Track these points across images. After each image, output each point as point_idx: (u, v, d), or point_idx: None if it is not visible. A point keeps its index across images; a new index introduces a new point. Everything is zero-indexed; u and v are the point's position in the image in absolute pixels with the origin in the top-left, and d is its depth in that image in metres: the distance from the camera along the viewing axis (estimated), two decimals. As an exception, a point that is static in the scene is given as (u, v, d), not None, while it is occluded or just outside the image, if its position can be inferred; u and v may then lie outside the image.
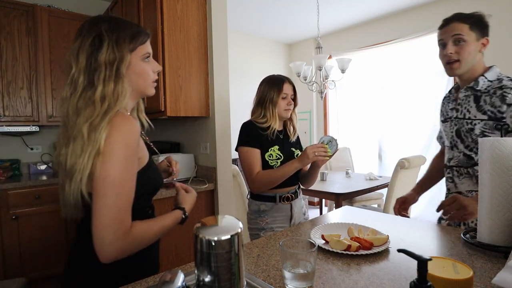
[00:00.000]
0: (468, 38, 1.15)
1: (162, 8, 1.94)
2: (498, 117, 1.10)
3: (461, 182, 1.24)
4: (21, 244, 2.34)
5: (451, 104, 1.30)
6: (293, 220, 1.51)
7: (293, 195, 1.51)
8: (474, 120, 1.16)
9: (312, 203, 4.92)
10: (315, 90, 3.34)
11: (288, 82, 1.52)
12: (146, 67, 0.87)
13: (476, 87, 1.17)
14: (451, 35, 1.18)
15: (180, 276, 0.56)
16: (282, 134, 1.56)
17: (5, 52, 2.53)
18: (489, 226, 0.84)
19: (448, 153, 1.29)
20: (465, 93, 1.21)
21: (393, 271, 0.74)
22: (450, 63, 1.18)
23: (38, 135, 2.95)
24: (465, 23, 1.16)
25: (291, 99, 1.51)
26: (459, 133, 1.22)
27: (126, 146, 0.74)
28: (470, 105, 1.19)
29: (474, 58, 1.17)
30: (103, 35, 0.80)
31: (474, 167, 1.19)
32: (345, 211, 1.33)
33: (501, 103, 1.09)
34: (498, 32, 3.17)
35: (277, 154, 1.47)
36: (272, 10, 3.73)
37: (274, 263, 0.81)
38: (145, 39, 0.86)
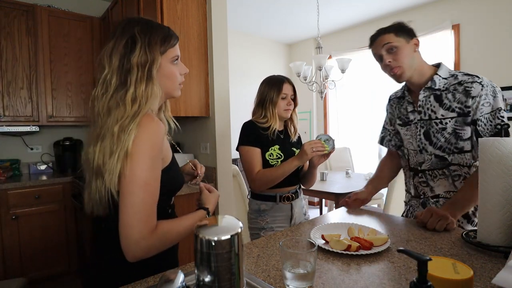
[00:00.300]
0: (398, 44, 1.18)
1: (162, 8, 1.94)
2: (466, 112, 1.12)
3: (436, 184, 1.23)
4: (21, 244, 2.35)
5: (409, 106, 1.28)
6: (293, 220, 1.51)
7: (294, 195, 1.52)
8: (444, 119, 1.17)
9: (312, 203, 4.92)
10: (315, 90, 3.34)
11: (288, 83, 1.52)
12: (175, 70, 0.89)
13: (434, 86, 1.19)
14: (382, 45, 1.20)
15: (180, 276, 0.56)
16: (283, 134, 1.56)
17: (5, 52, 2.53)
18: (489, 226, 0.84)
19: (416, 157, 1.27)
20: (424, 94, 1.21)
21: (393, 271, 0.74)
22: (393, 71, 1.20)
23: (38, 135, 2.95)
24: (389, 33, 1.19)
25: (291, 99, 1.52)
26: (428, 134, 1.21)
27: (152, 147, 0.76)
28: (433, 105, 1.20)
29: (412, 59, 1.19)
30: (136, 37, 0.81)
31: (449, 167, 1.19)
32: (345, 211, 1.33)
33: (466, 98, 1.11)
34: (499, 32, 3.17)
35: (278, 154, 1.47)
36: (272, 10, 3.74)
37: (274, 263, 0.81)
38: (175, 42, 0.88)
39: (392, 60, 1.18)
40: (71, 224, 2.58)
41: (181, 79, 0.92)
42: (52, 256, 2.49)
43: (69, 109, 2.86)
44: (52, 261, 2.49)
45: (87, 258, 2.35)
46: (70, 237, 2.58)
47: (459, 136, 1.15)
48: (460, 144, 1.15)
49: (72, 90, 2.87)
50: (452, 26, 3.42)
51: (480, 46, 3.27)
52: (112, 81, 0.80)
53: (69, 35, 2.83)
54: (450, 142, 1.16)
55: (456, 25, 3.41)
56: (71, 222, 2.58)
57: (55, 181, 2.52)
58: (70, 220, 2.58)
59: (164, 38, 0.85)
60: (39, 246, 2.42)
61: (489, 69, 3.20)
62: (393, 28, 1.19)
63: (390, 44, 1.18)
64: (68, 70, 2.83)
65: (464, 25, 3.37)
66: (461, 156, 1.16)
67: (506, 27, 3.10)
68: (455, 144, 1.16)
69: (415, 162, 1.28)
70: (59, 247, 2.52)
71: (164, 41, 0.85)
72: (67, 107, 2.85)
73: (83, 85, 2.93)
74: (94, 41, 2.97)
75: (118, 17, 2.56)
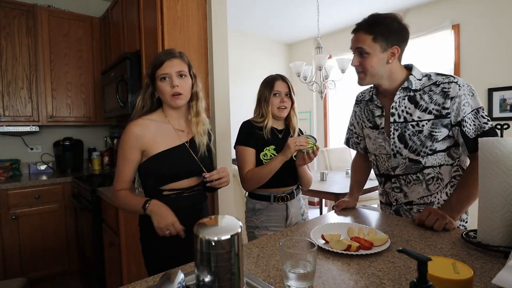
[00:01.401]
0: (370, 51, 1.11)
1: (162, 8, 1.94)
2: (443, 113, 1.09)
3: (410, 190, 1.20)
4: (21, 244, 2.35)
5: (377, 110, 1.24)
6: (289, 220, 1.51)
7: (289, 195, 1.50)
8: (420, 122, 1.13)
9: (312, 203, 4.92)
10: (315, 90, 3.34)
11: (281, 80, 1.51)
12: (162, 86, 1.15)
13: (411, 86, 1.14)
14: (355, 47, 1.15)
15: (180, 276, 0.56)
16: (281, 134, 1.55)
17: (5, 52, 2.53)
18: (489, 226, 0.84)
19: (388, 162, 1.23)
20: (399, 94, 1.16)
21: (393, 271, 0.74)
22: (357, 73, 1.18)
23: (38, 135, 2.95)
24: (369, 34, 1.11)
25: (286, 96, 1.49)
26: (403, 137, 1.17)
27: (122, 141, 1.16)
28: (408, 107, 1.15)
29: (381, 69, 1.13)
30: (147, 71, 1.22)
31: (423, 171, 1.16)
32: (345, 211, 1.33)
33: (444, 99, 1.08)
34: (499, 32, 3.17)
35: (272, 154, 1.47)
36: (272, 10, 3.73)
37: (274, 263, 0.81)
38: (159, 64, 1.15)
39: (359, 64, 1.15)
40: (71, 224, 2.58)
41: (172, 91, 1.15)
42: (52, 256, 2.49)
43: (69, 109, 2.86)
44: (52, 261, 2.50)
45: (87, 258, 2.35)
46: (70, 237, 2.58)
47: (435, 138, 1.12)
48: (434, 146, 1.13)
49: (72, 90, 2.87)
50: (452, 26, 3.42)
51: (480, 46, 3.27)
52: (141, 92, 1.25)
53: (69, 35, 2.83)
54: (425, 144, 1.13)
55: (456, 25, 3.41)
56: (71, 222, 2.58)
57: (55, 181, 2.53)
58: (70, 220, 2.58)
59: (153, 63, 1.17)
60: (39, 246, 2.42)
61: (489, 69, 3.20)
62: (376, 31, 1.12)
63: (362, 49, 1.12)
64: (68, 70, 2.83)
65: (464, 25, 3.37)
66: (434, 157, 1.14)
67: (506, 27, 3.10)
68: (430, 146, 1.13)
69: (386, 168, 1.24)
70: (59, 247, 2.52)
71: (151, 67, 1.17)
72: (67, 107, 2.85)
73: (83, 85, 2.92)
74: (94, 41, 2.97)
75: (118, 17, 2.56)
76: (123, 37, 2.47)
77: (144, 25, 2.13)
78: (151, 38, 2.02)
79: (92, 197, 2.05)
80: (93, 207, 2.05)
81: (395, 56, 1.13)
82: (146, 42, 2.11)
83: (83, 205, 2.23)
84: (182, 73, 1.17)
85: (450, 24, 3.41)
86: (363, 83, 1.19)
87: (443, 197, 1.18)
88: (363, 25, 1.15)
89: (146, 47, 2.11)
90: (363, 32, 1.14)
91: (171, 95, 1.14)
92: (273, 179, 1.41)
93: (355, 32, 1.17)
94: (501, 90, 3.12)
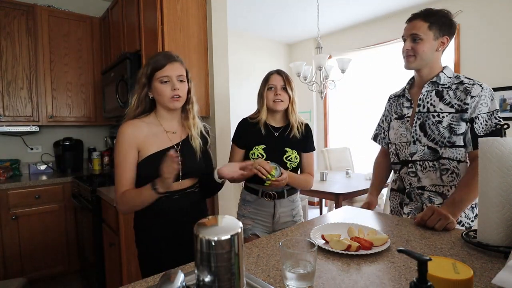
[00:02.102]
0: (424, 37, 1.22)
1: (162, 8, 1.94)
2: (464, 109, 1.17)
3: (425, 176, 1.28)
4: (21, 244, 2.35)
5: (406, 102, 1.36)
6: (276, 218, 1.50)
7: (277, 194, 1.48)
8: (441, 113, 1.22)
9: (312, 203, 4.92)
10: (315, 90, 3.34)
11: (277, 73, 1.50)
12: (162, 88, 1.16)
13: (439, 81, 1.26)
14: (410, 33, 1.25)
15: (180, 276, 0.56)
16: (278, 132, 1.52)
17: (5, 52, 2.53)
18: (489, 226, 0.84)
19: (409, 148, 1.31)
20: (427, 88, 1.28)
21: (393, 271, 0.74)
22: (407, 57, 1.27)
23: (38, 135, 2.95)
24: (425, 22, 1.22)
25: (281, 89, 1.46)
26: (424, 126, 1.26)
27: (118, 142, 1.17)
28: (433, 99, 1.26)
29: (430, 55, 1.24)
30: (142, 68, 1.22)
31: (440, 160, 1.23)
32: (345, 211, 1.33)
33: (466, 95, 1.18)
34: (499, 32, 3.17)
35: (259, 154, 1.46)
36: (273, 10, 3.73)
37: (274, 263, 0.81)
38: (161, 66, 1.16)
39: (411, 49, 1.25)
40: (71, 224, 2.58)
41: (171, 94, 1.16)
42: (52, 256, 2.49)
43: (69, 109, 2.86)
44: (52, 261, 2.50)
45: (87, 258, 2.35)
46: (70, 237, 2.58)
47: (453, 131, 1.19)
48: (453, 139, 1.20)
49: (72, 90, 2.87)
50: (452, 26, 3.42)
51: (480, 46, 3.27)
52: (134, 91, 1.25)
53: (69, 35, 2.83)
54: (444, 135, 1.21)
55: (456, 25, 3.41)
56: (71, 222, 2.58)
57: (55, 181, 2.53)
58: (70, 220, 2.58)
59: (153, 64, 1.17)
60: (39, 246, 2.43)
61: (489, 69, 3.20)
62: (433, 19, 1.22)
63: (417, 35, 1.22)
64: (68, 70, 2.83)
65: (464, 25, 3.37)
66: (452, 150, 1.21)
67: (506, 27, 3.10)
68: (448, 138, 1.20)
69: (405, 154, 1.33)
70: (59, 247, 2.52)
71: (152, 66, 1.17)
72: (67, 107, 2.85)
73: (83, 85, 2.92)
74: (94, 41, 2.97)
75: (118, 17, 2.56)
76: (123, 37, 2.47)
77: (144, 25, 2.13)
78: (151, 38, 2.02)
79: (92, 197, 2.05)
80: (93, 207, 2.05)
81: (443, 46, 1.25)
82: (146, 42, 2.11)
83: (83, 205, 2.23)
84: (181, 78, 1.19)
85: (450, 24, 3.41)
86: (411, 66, 1.28)
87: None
88: (420, 15, 1.25)
89: (146, 47, 2.11)
90: (420, 19, 1.23)
91: (170, 98, 1.17)
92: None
93: (410, 21, 1.27)
94: (501, 90, 3.12)
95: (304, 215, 3.65)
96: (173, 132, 1.24)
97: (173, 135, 1.24)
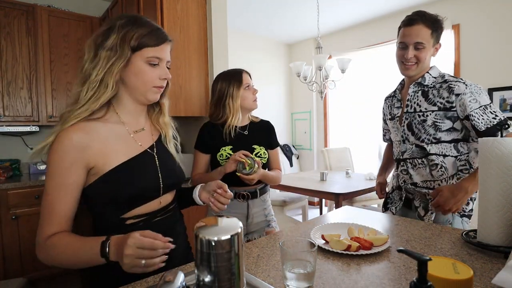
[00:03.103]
0: (427, 45, 1.24)
1: (162, 8, 1.94)
2: (447, 107, 1.22)
3: (415, 173, 1.33)
4: (21, 244, 2.34)
5: (397, 103, 1.41)
6: (250, 219, 1.49)
7: (250, 194, 1.47)
8: (426, 112, 1.26)
9: (312, 203, 4.92)
10: (315, 90, 3.34)
11: (245, 72, 1.51)
12: (148, 71, 0.84)
13: (424, 82, 1.29)
14: (415, 41, 1.24)
15: (180, 276, 0.56)
16: (246, 130, 1.51)
17: (5, 52, 2.53)
18: (489, 226, 0.84)
19: (400, 147, 1.38)
20: (413, 88, 1.32)
21: (393, 271, 0.74)
22: (408, 65, 1.28)
23: (38, 135, 2.95)
24: (429, 28, 1.23)
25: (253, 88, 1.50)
26: (411, 126, 1.31)
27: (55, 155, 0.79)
28: (420, 99, 1.30)
29: (427, 61, 1.29)
30: (114, 30, 0.81)
31: (428, 157, 1.28)
32: (345, 211, 1.33)
33: (448, 94, 1.20)
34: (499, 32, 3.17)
35: (228, 154, 1.45)
36: (272, 10, 3.73)
37: (274, 263, 0.81)
38: (155, 43, 0.84)
39: (414, 56, 1.26)
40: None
41: (158, 83, 0.87)
42: (52, 256, 2.49)
43: (69, 109, 2.86)
44: (52, 261, 2.49)
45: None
46: (70, 237, 2.58)
47: (438, 128, 1.24)
48: (438, 135, 1.24)
49: (72, 90, 2.86)
50: (452, 26, 3.42)
51: (480, 46, 3.27)
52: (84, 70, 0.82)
53: (69, 35, 2.83)
54: (429, 133, 1.26)
55: (456, 25, 3.41)
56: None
57: (55, 181, 2.52)
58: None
59: (143, 36, 0.82)
60: (39, 246, 2.42)
61: (489, 69, 3.20)
62: (435, 27, 1.24)
63: (422, 44, 1.23)
64: (68, 70, 2.83)
65: (464, 25, 3.37)
66: (438, 146, 1.25)
67: (506, 27, 3.10)
68: (433, 135, 1.25)
69: (399, 152, 1.40)
70: (59, 247, 2.52)
71: (141, 38, 0.81)
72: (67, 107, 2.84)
73: (83, 85, 2.92)
74: (94, 41, 2.97)
75: (118, 17, 2.56)
76: (123, 37, 2.47)
77: (144, 25, 2.13)
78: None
79: (92, 197, 2.05)
80: (93, 207, 2.05)
81: (437, 51, 1.30)
82: (146, 42, 2.11)
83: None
84: (169, 65, 0.91)
85: (450, 24, 3.41)
86: (412, 73, 1.31)
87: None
88: (422, 19, 1.23)
89: (146, 47, 2.11)
90: (423, 25, 1.23)
91: (153, 86, 0.86)
92: (235, 177, 1.33)
93: (411, 25, 1.25)
94: (501, 90, 3.12)
95: (304, 215, 3.65)
96: (142, 129, 0.93)
97: (142, 134, 0.92)
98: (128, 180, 0.82)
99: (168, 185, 0.92)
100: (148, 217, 0.88)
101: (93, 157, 0.80)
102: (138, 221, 0.86)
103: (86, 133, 0.79)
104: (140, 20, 0.84)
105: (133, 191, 0.83)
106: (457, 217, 1.25)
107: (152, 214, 0.89)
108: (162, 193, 0.91)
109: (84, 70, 0.82)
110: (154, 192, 0.89)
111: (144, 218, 0.87)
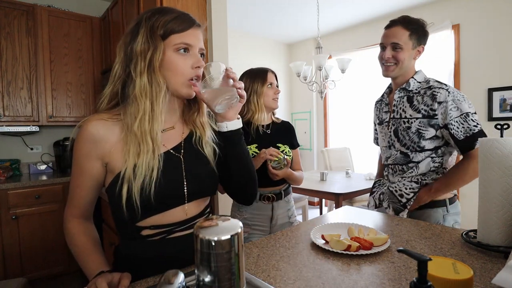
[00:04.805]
0: (405, 46, 1.26)
1: (162, 8, 1.94)
2: (431, 114, 1.22)
3: (394, 179, 1.34)
4: (21, 244, 2.34)
5: (385, 107, 1.41)
6: (274, 221, 1.49)
7: (275, 195, 1.48)
8: (410, 119, 1.27)
9: (312, 203, 4.92)
10: (315, 90, 3.34)
11: (271, 72, 1.51)
12: (179, 61, 0.75)
13: (408, 87, 1.30)
14: (391, 42, 1.28)
15: (180, 276, 0.56)
16: (269, 129, 1.52)
17: (5, 52, 2.53)
18: (489, 226, 0.84)
19: (386, 152, 1.39)
20: (399, 94, 1.32)
21: (393, 271, 0.74)
22: (387, 66, 1.30)
23: (38, 135, 2.95)
24: (406, 30, 1.25)
25: (277, 88, 1.51)
26: (397, 132, 1.32)
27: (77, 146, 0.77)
28: (405, 105, 1.30)
29: (408, 63, 1.29)
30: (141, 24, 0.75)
31: (409, 164, 1.29)
32: (345, 211, 1.33)
33: (432, 101, 1.20)
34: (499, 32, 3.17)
35: (253, 152, 1.44)
36: (272, 10, 3.73)
37: (274, 263, 0.81)
38: (181, 28, 0.75)
39: (391, 57, 1.28)
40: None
41: (192, 73, 0.77)
42: (52, 256, 2.49)
43: (69, 109, 2.86)
44: (52, 261, 2.49)
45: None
46: (70, 237, 2.58)
47: (422, 136, 1.24)
48: (422, 144, 1.25)
49: (72, 90, 2.87)
50: (452, 26, 3.42)
51: (480, 46, 3.27)
52: (116, 74, 0.77)
53: (69, 35, 2.83)
54: (413, 140, 1.26)
55: (456, 25, 3.41)
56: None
57: (55, 181, 2.52)
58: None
59: (168, 22, 0.74)
60: (39, 246, 2.42)
61: (489, 69, 3.20)
62: (412, 28, 1.25)
63: (398, 44, 1.25)
64: (68, 70, 2.83)
65: (464, 25, 3.37)
66: (422, 154, 1.26)
67: (506, 27, 3.10)
68: (417, 143, 1.25)
69: (385, 158, 1.41)
70: (59, 247, 2.52)
71: (166, 24, 0.74)
72: (67, 107, 2.85)
73: (83, 85, 2.92)
74: (94, 41, 2.97)
75: (118, 17, 2.56)
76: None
77: (144, 25, 2.13)
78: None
79: (92, 197, 2.04)
80: (93, 207, 2.05)
81: (419, 54, 1.30)
82: (146, 42, 2.10)
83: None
84: (202, 52, 0.81)
85: (450, 24, 3.41)
86: (391, 74, 1.32)
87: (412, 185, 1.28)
88: (401, 22, 1.27)
89: (146, 47, 2.11)
90: (401, 27, 1.26)
91: (188, 79, 0.77)
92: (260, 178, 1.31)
93: (389, 27, 1.29)
94: (501, 90, 3.12)
95: (304, 215, 3.65)
96: (172, 127, 0.84)
97: (169, 134, 0.83)
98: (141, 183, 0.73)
99: (193, 192, 0.81)
100: (167, 230, 0.79)
101: (107, 154, 0.75)
102: (155, 233, 0.78)
103: (103, 126, 0.75)
104: (165, 8, 0.79)
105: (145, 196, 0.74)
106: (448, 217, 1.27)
107: (173, 226, 0.79)
108: (187, 201, 0.81)
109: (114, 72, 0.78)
110: (175, 199, 0.79)
111: (162, 230, 0.78)
